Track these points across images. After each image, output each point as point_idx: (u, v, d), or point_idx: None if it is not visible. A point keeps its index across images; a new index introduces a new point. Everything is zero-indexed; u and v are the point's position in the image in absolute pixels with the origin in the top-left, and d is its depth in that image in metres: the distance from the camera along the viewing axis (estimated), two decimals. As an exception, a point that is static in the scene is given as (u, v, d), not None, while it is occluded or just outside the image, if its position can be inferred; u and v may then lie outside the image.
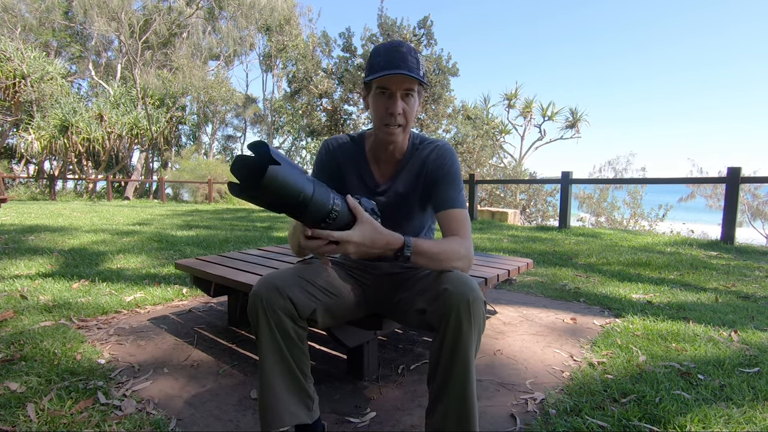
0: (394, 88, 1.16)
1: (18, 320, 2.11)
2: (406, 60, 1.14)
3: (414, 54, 1.17)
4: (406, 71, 1.12)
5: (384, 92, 1.17)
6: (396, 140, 1.24)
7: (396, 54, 1.15)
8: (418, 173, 1.31)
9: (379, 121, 1.22)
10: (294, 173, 0.85)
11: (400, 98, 1.17)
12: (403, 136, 1.25)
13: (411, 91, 1.18)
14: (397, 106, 1.17)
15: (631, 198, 13.00)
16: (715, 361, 1.70)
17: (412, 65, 1.15)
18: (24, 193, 17.23)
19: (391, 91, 1.16)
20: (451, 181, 1.28)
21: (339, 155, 1.36)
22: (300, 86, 14.37)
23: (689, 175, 13.34)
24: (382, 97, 1.18)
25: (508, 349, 1.95)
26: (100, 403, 1.40)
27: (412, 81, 1.16)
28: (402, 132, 1.23)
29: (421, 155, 1.31)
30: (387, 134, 1.22)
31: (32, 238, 4.75)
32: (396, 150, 1.31)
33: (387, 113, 1.19)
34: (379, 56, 1.17)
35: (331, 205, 0.94)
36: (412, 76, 1.13)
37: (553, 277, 3.35)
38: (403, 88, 1.16)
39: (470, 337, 1.00)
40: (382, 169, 1.34)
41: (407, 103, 1.19)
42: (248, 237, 5.24)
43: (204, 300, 2.68)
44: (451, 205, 1.25)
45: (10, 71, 15.70)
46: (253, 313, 1.08)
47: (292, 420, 1.08)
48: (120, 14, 18.32)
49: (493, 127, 16.14)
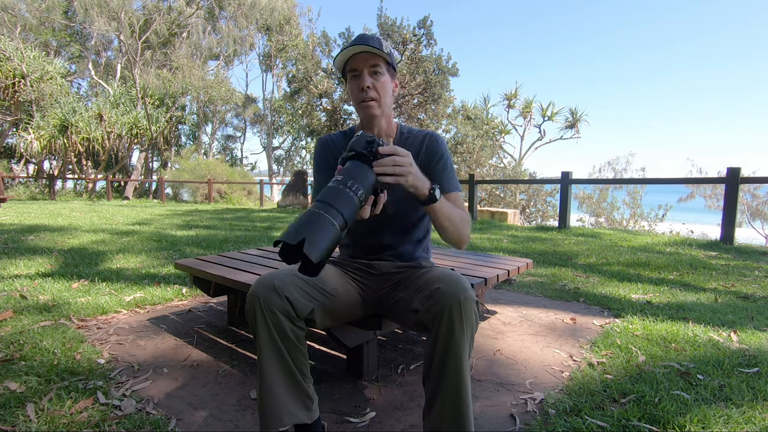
0: (360, 66, 1.25)
1: (17, 320, 2.10)
2: (367, 41, 1.23)
3: (377, 39, 1.26)
4: (364, 45, 1.21)
5: (354, 74, 1.27)
6: (374, 113, 1.29)
7: (359, 38, 1.24)
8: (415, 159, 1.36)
9: (355, 101, 1.30)
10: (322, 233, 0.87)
11: (368, 75, 1.25)
12: (381, 111, 1.31)
13: (377, 67, 1.26)
14: (365, 80, 1.25)
15: (630, 198, 13.01)
16: (715, 362, 1.70)
17: (374, 44, 1.23)
18: (23, 193, 17.21)
19: (359, 70, 1.26)
20: (444, 167, 1.35)
21: (333, 149, 1.42)
22: (300, 86, 14.37)
23: (689, 176, 13.36)
24: (354, 79, 1.28)
25: (507, 349, 1.95)
26: (100, 402, 1.40)
27: (376, 58, 1.25)
28: (378, 106, 1.29)
29: (413, 145, 1.36)
30: (365, 109, 1.29)
31: (32, 238, 4.75)
32: (382, 135, 1.36)
33: (359, 91, 1.27)
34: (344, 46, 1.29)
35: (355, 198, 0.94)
36: (372, 50, 1.22)
37: (552, 278, 3.35)
38: (368, 65, 1.25)
39: (462, 336, 1.00)
40: None
41: (376, 78, 1.27)
42: (248, 237, 5.24)
43: (204, 300, 2.68)
44: (446, 190, 1.31)
45: (9, 71, 15.68)
46: (250, 313, 1.08)
47: (292, 420, 1.08)
48: (120, 14, 18.31)
49: (493, 128, 16.14)
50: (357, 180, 0.96)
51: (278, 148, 28.76)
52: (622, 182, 11.95)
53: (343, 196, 0.93)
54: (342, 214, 0.90)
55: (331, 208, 0.90)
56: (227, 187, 17.86)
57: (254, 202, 17.79)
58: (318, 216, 0.88)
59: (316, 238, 0.85)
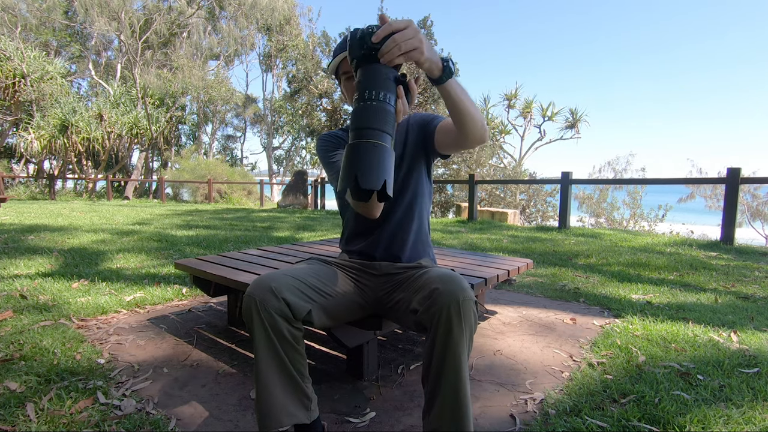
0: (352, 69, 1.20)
1: (17, 320, 2.10)
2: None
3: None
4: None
5: (348, 77, 1.26)
6: None
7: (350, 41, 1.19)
8: (404, 139, 1.40)
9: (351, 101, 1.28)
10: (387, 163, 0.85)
11: None
12: None
13: None
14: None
15: (630, 198, 13.01)
16: (715, 362, 1.70)
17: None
18: (23, 193, 17.21)
19: (351, 73, 1.23)
20: (426, 117, 1.39)
21: (335, 144, 1.45)
22: (300, 86, 14.37)
23: (689, 176, 13.36)
24: (348, 82, 1.27)
25: (507, 349, 1.95)
26: (100, 402, 1.40)
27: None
28: None
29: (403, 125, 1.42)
30: None
31: (32, 238, 4.75)
32: None
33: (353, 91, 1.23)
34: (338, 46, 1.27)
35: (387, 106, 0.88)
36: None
37: (552, 278, 3.35)
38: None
39: (461, 336, 1.00)
40: None
41: None
42: (248, 237, 5.24)
43: (204, 300, 2.68)
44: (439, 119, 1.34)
45: (9, 71, 15.68)
46: (247, 314, 1.08)
47: (291, 420, 1.08)
48: (120, 14, 18.31)
49: (493, 128, 16.13)
50: (377, 86, 0.87)
51: (278, 148, 28.78)
52: (622, 182, 11.95)
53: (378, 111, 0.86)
54: (387, 132, 0.86)
55: (376, 131, 0.84)
56: (227, 187, 17.86)
57: (254, 202, 17.80)
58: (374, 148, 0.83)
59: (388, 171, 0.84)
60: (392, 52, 0.87)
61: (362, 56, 0.89)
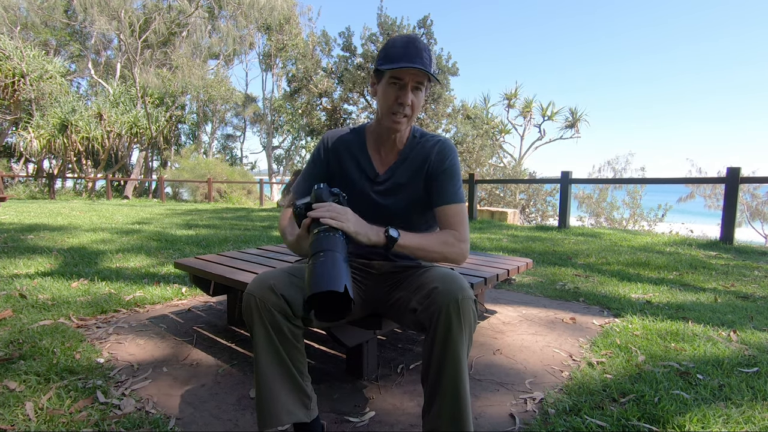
0: (407, 79, 1.20)
1: (17, 319, 2.10)
2: (422, 55, 1.18)
3: (428, 50, 1.22)
4: (420, 65, 1.17)
5: (396, 83, 1.21)
6: (400, 129, 1.27)
7: (412, 48, 1.19)
8: (420, 166, 1.33)
9: (387, 108, 1.25)
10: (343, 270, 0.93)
11: (411, 90, 1.21)
12: (407, 126, 1.29)
13: (421, 85, 1.23)
14: (408, 96, 1.21)
15: (630, 198, 13.01)
16: (714, 361, 1.70)
17: (426, 61, 1.19)
18: (23, 192, 17.19)
19: (404, 82, 1.20)
20: (451, 176, 1.31)
21: (337, 147, 1.39)
22: (300, 85, 14.35)
23: (688, 175, 13.36)
24: (394, 87, 1.22)
25: (507, 348, 1.95)
26: (99, 402, 1.40)
27: (423, 75, 1.20)
28: (407, 122, 1.27)
29: (424, 148, 1.34)
30: (393, 122, 1.25)
31: (31, 237, 4.74)
32: (397, 140, 1.34)
33: (396, 102, 1.22)
34: (396, 47, 1.21)
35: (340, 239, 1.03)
36: (427, 72, 1.17)
37: (552, 277, 3.35)
38: (414, 81, 1.21)
39: (460, 335, 1.00)
40: (382, 159, 1.37)
41: (416, 95, 1.23)
42: (247, 236, 5.24)
43: (203, 299, 2.68)
44: (449, 200, 1.29)
45: (9, 70, 15.66)
46: (247, 312, 1.08)
47: (290, 418, 1.08)
48: (120, 13, 18.27)
49: (493, 127, 16.12)
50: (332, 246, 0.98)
51: (278, 147, 28.76)
52: (622, 182, 11.95)
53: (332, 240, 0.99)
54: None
55: (331, 251, 0.95)
56: (227, 186, 17.85)
57: (254, 201, 17.79)
58: (331, 259, 0.92)
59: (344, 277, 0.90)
60: (321, 212, 1.04)
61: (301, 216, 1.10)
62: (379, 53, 1.26)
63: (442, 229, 1.29)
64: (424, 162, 1.33)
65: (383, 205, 1.35)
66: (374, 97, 1.31)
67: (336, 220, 1.04)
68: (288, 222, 1.33)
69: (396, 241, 1.14)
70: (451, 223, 1.27)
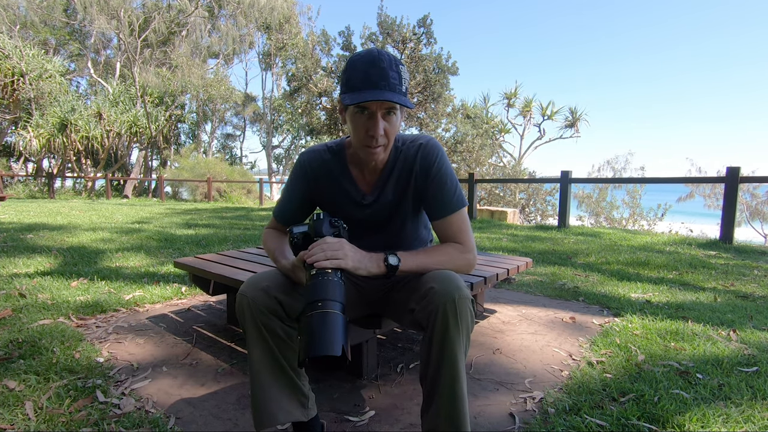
0: (374, 108, 1.06)
1: (16, 318, 2.10)
2: (387, 77, 1.03)
3: (396, 67, 1.06)
4: (387, 93, 1.02)
5: (363, 111, 1.07)
6: (377, 159, 1.15)
7: (375, 70, 1.03)
8: (407, 179, 1.24)
9: (358, 141, 1.12)
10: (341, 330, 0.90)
11: (381, 117, 1.07)
12: (385, 154, 1.17)
13: (393, 109, 1.08)
14: (378, 127, 1.07)
15: (630, 197, 13.02)
16: (714, 361, 1.70)
17: (394, 82, 1.04)
18: (22, 192, 17.19)
19: (371, 110, 1.06)
20: (441, 184, 1.20)
21: (317, 174, 1.28)
22: (299, 85, 14.34)
23: (688, 175, 13.37)
24: (362, 117, 1.08)
25: (507, 348, 1.95)
26: (99, 401, 1.40)
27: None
28: (383, 151, 1.14)
29: (408, 158, 1.23)
30: (368, 155, 1.13)
31: (31, 237, 4.74)
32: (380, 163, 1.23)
33: (367, 135, 1.09)
34: (356, 71, 1.05)
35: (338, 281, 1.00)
36: (393, 102, 1.03)
37: (552, 276, 3.35)
38: (383, 108, 1.06)
39: (457, 335, 1.00)
40: (366, 179, 1.26)
41: (389, 122, 1.09)
42: (247, 236, 5.24)
43: (203, 299, 2.68)
44: (446, 212, 1.20)
45: (8, 69, 15.64)
46: (240, 313, 1.08)
47: (287, 417, 1.07)
48: (119, 12, 18.25)
49: (493, 126, 16.14)
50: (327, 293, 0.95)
51: (278, 146, 28.76)
52: (622, 181, 11.95)
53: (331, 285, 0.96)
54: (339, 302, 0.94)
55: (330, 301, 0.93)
56: (226, 185, 17.84)
57: (254, 200, 17.78)
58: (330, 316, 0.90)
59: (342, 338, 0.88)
60: (317, 256, 0.99)
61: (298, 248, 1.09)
62: (341, 78, 1.12)
63: (444, 243, 1.22)
64: (409, 174, 1.23)
65: (376, 226, 1.30)
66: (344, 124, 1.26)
67: (333, 260, 0.99)
68: (278, 244, 1.28)
69: (397, 269, 1.09)
70: (452, 235, 1.20)
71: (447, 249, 1.19)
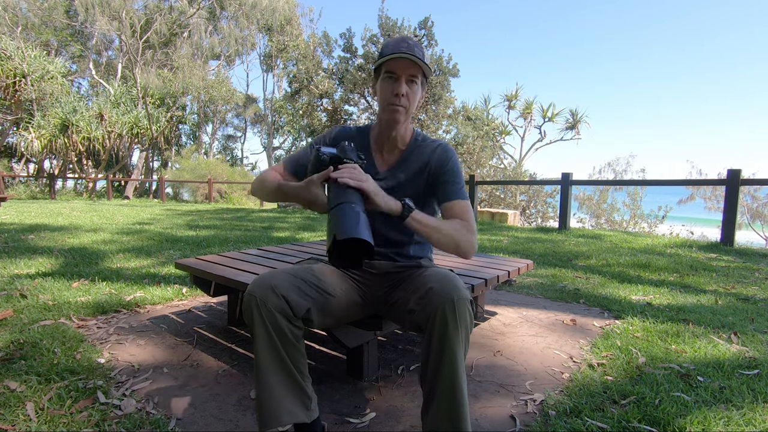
0: (400, 72, 1.26)
1: (18, 319, 2.10)
2: (413, 50, 1.25)
3: (420, 48, 1.28)
4: (410, 54, 1.23)
5: (391, 76, 1.27)
6: (399, 119, 1.30)
7: (404, 44, 1.26)
8: (420, 168, 1.37)
9: (384, 101, 1.30)
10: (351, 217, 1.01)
11: (405, 82, 1.27)
12: (405, 119, 1.32)
13: (415, 78, 1.27)
14: (402, 87, 1.26)
15: (630, 199, 13.01)
16: (715, 363, 1.70)
17: (419, 54, 1.25)
18: (24, 192, 17.21)
19: (397, 75, 1.26)
20: (454, 176, 1.35)
21: (339, 140, 1.43)
22: (300, 86, 14.36)
23: (689, 177, 13.34)
24: (389, 80, 1.27)
25: (507, 350, 1.95)
26: (100, 402, 1.40)
27: (416, 68, 1.26)
28: (404, 114, 1.30)
29: (425, 152, 1.38)
30: (391, 112, 1.29)
31: (32, 237, 4.75)
32: (399, 139, 1.38)
33: (392, 94, 1.27)
34: (390, 44, 1.28)
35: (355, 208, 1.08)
36: (416, 60, 1.23)
37: (553, 279, 3.35)
38: (408, 74, 1.26)
39: (457, 336, 1.00)
40: (384, 158, 1.41)
41: (411, 88, 1.28)
42: (248, 237, 5.24)
43: (204, 300, 2.68)
44: (455, 197, 1.32)
45: (10, 70, 15.68)
46: (248, 313, 1.08)
47: (291, 419, 1.08)
48: (121, 13, 18.31)
49: (494, 128, 16.13)
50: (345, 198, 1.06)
51: (278, 148, 28.76)
52: (622, 183, 11.94)
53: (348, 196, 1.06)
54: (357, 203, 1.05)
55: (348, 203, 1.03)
56: (227, 186, 17.86)
57: (254, 202, 17.79)
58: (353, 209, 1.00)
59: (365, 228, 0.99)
60: (344, 174, 1.10)
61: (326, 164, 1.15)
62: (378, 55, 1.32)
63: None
64: (425, 164, 1.37)
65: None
66: (375, 97, 1.37)
67: (358, 181, 1.10)
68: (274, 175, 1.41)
69: (412, 211, 1.17)
70: (459, 215, 1.29)
71: (455, 224, 1.26)
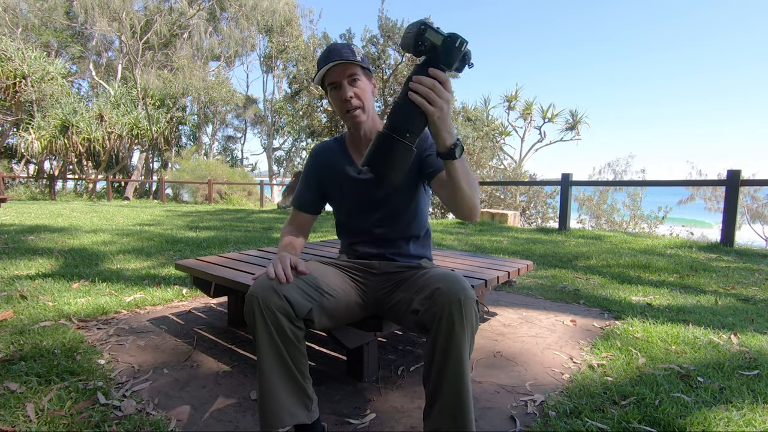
0: (339, 78, 1.27)
1: (18, 320, 2.10)
2: (340, 53, 1.26)
3: (348, 47, 1.29)
4: (340, 59, 1.24)
5: (334, 86, 1.29)
6: (360, 119, 1.31)
7: (329, 53, 1.28)
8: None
9: (339, 111, 1.33)
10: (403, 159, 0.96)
11: (348, 84, 1.28)
12: (366, 116, 1.33)
13: (355, 76, 1.28)
14: (347, 91, 1.27)
15: (630, 200, 13.01)
16: (715, 364, 1.70)
17: (347, 54, 1.26)
18: (24, 193, 17.21)
19: (338, 82, 1.28)
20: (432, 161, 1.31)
21: (325, 157, 1.47)
22: (300, 87, 14.37)
23: (689, 178, 13.35)
24: (335, 90, 1.29)
25: (507, 350, 1.95)
26: (100, 403, 1.40)
27: (352, 67, 1.27)
28: (363, 112, 1.31)
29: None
30: (351, 119, 1.31)
31: (32, 238, 4.75)
32: (369, 134, 1.38)
33: (342, 102, 1.29)
34: (320, 60, 1.30)
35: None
36: (347, 61, 1.24)
37: (553, 279, 3.35)
38: (346, 76, 1.27)
39: (463, 336, 1.00)
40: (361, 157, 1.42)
41: (356, 86, 1.29)
42: (248, 237, 5.24)
43: (204, 301, 2.68)
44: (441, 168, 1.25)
45: (10, 71, 15.68)
46: (249, 313, 1.08)
47: (292, 420, 1.08)
48: (121, 14, 18.32)
49: (493, 129, 16.15)
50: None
51: (278, 149, 28.76)
52: (622, 184, 11.95)
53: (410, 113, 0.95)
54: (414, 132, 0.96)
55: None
56: (227, 187, 17.85)
57: (254, 203, 17.79)
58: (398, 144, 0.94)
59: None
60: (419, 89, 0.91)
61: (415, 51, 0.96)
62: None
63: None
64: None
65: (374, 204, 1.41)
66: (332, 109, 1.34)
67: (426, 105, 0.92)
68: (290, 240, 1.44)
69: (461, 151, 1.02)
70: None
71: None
